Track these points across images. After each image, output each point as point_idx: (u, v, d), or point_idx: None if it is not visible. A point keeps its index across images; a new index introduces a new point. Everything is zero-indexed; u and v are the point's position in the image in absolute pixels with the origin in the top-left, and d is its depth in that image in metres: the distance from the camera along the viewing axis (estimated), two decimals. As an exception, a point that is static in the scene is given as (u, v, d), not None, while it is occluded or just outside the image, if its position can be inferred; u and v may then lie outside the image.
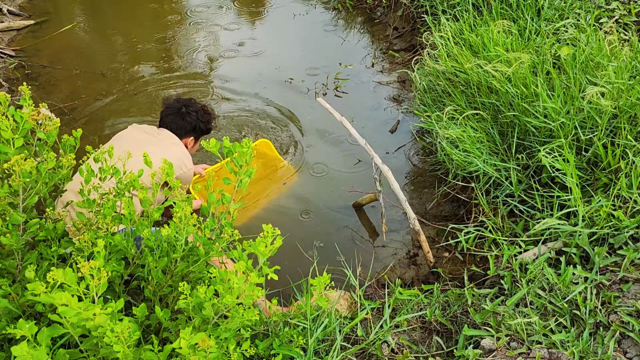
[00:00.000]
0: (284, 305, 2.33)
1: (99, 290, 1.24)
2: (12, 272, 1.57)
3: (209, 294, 1.36)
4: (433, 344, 1.99)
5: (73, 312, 1.19)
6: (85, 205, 1.65)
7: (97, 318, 1.22)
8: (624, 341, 1.79)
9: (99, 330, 1.24)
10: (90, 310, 1.21)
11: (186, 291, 1.37)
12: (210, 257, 1.59)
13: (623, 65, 2.64)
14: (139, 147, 2.49)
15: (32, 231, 1.56)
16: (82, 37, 5.04)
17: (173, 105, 2.82)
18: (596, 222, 2.22)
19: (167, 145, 2.69)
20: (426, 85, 3.45)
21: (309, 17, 5.51)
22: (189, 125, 2.80)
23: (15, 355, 1.16)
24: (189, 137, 2.83)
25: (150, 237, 1.57)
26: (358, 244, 3.00)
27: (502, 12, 3.61)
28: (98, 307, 1.22)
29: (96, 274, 1.22)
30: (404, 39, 4.92)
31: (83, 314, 1.21)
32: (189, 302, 1.38)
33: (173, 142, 2.74)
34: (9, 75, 4.34)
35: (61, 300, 1.17)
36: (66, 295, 1.17)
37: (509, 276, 2.15)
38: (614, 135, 2.52)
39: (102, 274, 1.23)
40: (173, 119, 2.79)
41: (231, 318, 1.39)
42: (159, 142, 2.68)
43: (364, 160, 3.57)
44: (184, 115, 2.79)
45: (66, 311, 1.18)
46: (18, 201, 1.51)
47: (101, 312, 1.22)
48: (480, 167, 2.68)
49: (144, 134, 2.73)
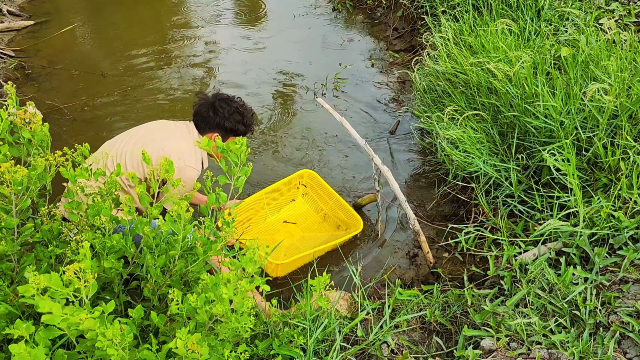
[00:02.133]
0: (285, 307, 2.33)
1: (89, 293, 1.22)
2: (9, 274, 1.56)
3: (199, 302, 1.35)
4: (433, 344, 1.98)
5: (58, 319, 1.17)
6: (74, 207, 1.64)
7: (85, 322, 1.20)
8: (623, 341, 1.79)
9: (90, 334, 1.23)
10: (77, 315, 1.19)
11: (177, 298, 1.35)
12: (208, 257, 1.59)
13: (621, 62, 2.64)
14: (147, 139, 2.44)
15: (26, 234, 1.55)
16: (82, 38, 5.04)
17: (207, 99, 2.64)
18: (596, 223, 2.22)
19: (175, 137, 2.52)
20: (426, 86, 3.45)
21: (309, 17, 5.51)
22: (212, 120, 2.58)
23: (14, 354, 1.15)
24: (213, 133, 2.60)
25: (149, 234, 1.56)
26: (358, 244, 3.00)
27: (502, 13, 3.62)
28: (85, 312, 1.20)
29: (82, 276, 1.20)
30: (404, 39, 4.93)
31: (70, 319, 1.19)
32: (181, 308, 1.37)
33: (182, 134, 2.56)
34: (9, 75, 4.34)
35: (45, 309, 1.15)
36: (48, 302, 1.15)
37: (508, 276, 2.15)
38: (614, 136, 2.52)
39: (89, 277, 1.20)
40: (199, 109, 2.60)
41: (225, 324, 1.39)
42: (168, 134, 2.53)
43: (351, 157, 3.57)
44: (211, 109, 2.57)
45: (51, 319, 1.16)
46: (10, 207, 1.50)
47: (89, 316, 1.21)
48: (480, 167, 2.68)
49: (162, 126, 2.60)
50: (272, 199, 3.13)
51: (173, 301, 1.36)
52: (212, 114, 2.55)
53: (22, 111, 1.61)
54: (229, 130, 2.60)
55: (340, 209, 3.03)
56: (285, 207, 3.20)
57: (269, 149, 3.71)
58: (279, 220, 3.15)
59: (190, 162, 2.48)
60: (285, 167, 3.54)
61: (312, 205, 3.20)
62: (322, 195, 3.15)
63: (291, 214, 3.18)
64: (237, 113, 2.59)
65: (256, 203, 3.07)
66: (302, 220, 3.16)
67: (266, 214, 3.13)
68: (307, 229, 3.12)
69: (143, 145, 2.38)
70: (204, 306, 1.35)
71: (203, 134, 2.60)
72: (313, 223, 3.14)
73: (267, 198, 3.10)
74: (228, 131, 2.60)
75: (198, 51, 4.89)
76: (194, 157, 2.51)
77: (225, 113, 2.56)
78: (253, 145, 3.70)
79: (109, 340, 1.21)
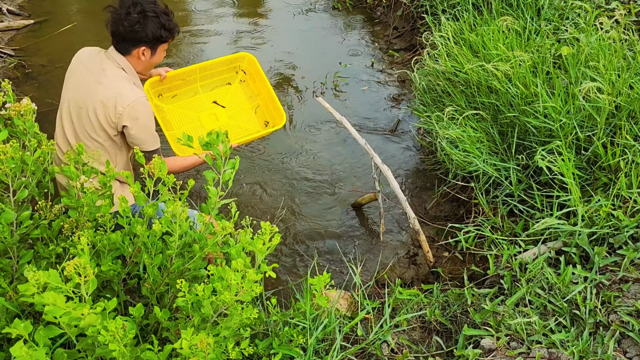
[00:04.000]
0: (285, 306, 2.33)
1: (89, 289, 1.23)
2: (8, 271, 1.56)
3: (207, 292, 1.35)
4: (433, 343, 1.99)
5: (61, 312, 1.18)
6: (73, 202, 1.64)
7: (87, 317, 1.21)
8: (623, 341, 1.79)
9: (91, 330, 1.23)
10: (79, 310, 1.20)
11: (184, 289, 1.36)
12: (205, 253, 1.58)
13: (618, 60, 2.64)
14: (82, 97, 2.19)
15: (25, 226, 1.55)
16: (82, 37, 5.03)
17: (117, 11, 2.21)
18: (596, 222, 2.22)
19: (105, 85, 2.18)
20: (426, 85, 3.45)
21: (309, 16, 5.50)
22: (129, 34, 2.18)
23: (15, 356, 1.15)
24: (140, 48, 2.25)
25: (144, 234, 1.56)
26: (357, 243, 3.00)
27: (502, 12, 3.61)
28: (87, 307, 1.21)
29: (82, 272, 1.20)
30: (404, 38, 4.92)
31: (72, 313, 1.19)
32: (187, 299, 1.38)
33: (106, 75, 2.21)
34: (9, 74, 4.33)
35: (48, 300, 1.15)
36: (53, 294, 1.16)
37: (508, 276, 2.15)
38: (613, 135, 2.52)
39: (89, 272, 1.21)
40: (114, 29, 2.21)
41: (230, 316, 1.39)
42: (96, 84, 2.19)
43: (346, 155, 3.57)
44: (122, 21, 2.17)
45: (54, 310, 1.17)
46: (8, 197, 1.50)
47: (90, 311, 1.21)
48: (480, 167, 2.68)
49: (89, 73, 2.25)
50: (207, 75, 2.96)
51: (180, 292, 1.36)
52: (124, 25, 2.18)
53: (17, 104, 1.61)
54: (158, 39, 2.26)
55: (271, 101, 2.89)
56: (219, 88, 3.04)
57: (268, 148, 3.71)
58: (209, 99, 3.00)
59: (136, 94, 2.20)
60: (285, 166, 3.54)
61: (247, 93, 3.05)
62: (258, 84, 3.01)
63: (223, 97, 3.03)
64: (151, 16, 2.21)
65: (188, 75, 2.87)
66: (232, 105, 3.01)
67: (197, 89, 2.96)
68: (234, 117, 2.98)
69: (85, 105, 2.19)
70: (211, 297, 1.35)
71: (127, 54, 2.28)
72: (242, 112, 3.00)
73: (200, 73, 2.93)
74: (157, 40, 2.26)
75: (198, 51, 4.88)
76: (135, 88, 2.24)
77: (140, 18, 2.19)
78: (250, 147, 3.70)
79: (111, 336, 1.22)
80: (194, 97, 2.97)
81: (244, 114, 3.01)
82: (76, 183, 1.63)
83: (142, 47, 2.25)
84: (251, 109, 3.02)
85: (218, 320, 1.44)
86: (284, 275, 2.75)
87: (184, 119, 2.92)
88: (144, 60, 2.31)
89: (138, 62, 2.31)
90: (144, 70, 2.38)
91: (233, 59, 3.01)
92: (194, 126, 2.90)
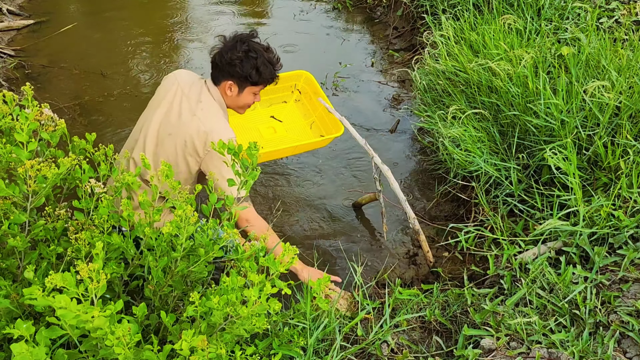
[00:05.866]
0: (285, 306, 2.33)
1: (98, 293, 1.24)
2: (13, 272, 1.57)
3: (221, 304, 1.35)
4: (433, 343, 1.99)
5: (72, 315, 1.19)
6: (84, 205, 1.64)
7: (95, 320, 1.21)
8: (623, 341, 1.79)
9: (98, 333, 1.24)
10: (89, 313, 1.21)
11: (196, 301, 1.36)
12: (210, 257, 1.59)
13: (625, 62, 2.64)
14: (168, 131, 2.20)
15: (36, 232, 1.56)
16: (83, 37, 5.03)
17: (226, 43, 2.26)
18: (596, 222, 2.22)
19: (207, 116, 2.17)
20: (426, 85, 3.45)
21: (309, 16, 5.50)
22: (225, 65, 2.20)
23: (15, 354, 1.16)
24: (227, 82, 2.24)
25: (152, 235, 1.56)
26: (357, 243, 3.00)
27: (502, 11, 3.61)
28: (97, 310, 1.22)
29: (95, 277, 1.21)
30: (404, 38, 4.92)
31: (82, 317, 1.20)
32: (198, 310, 1.38)
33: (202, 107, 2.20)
34: (9, 75, 4.34)
35: (60, 303, 1.16)
36: (65, 298, 1.16)
37: (508, 276, 2.15)
38: (614, 135, 2.52)
39: (102, 277, 1.22)
40: (216, 57, 2.25)
41: (239, 324, 1.39)
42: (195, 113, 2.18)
43: (346, 155, 3.58)
44: (227, 52, 2.20)
45: (65, 314, 1.18)
46: (26, 204, 1.51)
47: (100, 314, 1.22)
48: (481, 166, 2.68)
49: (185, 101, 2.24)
50: (263, 92, 2.96)
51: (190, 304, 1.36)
52: (223, 57, 2.21)
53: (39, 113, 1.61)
54: (247, 79, 2.22)
55: (327, 115, 2.97)
56: (275, 105, 3.15)
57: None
58: (267, 114, 3.11)
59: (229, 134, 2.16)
60: (284, 166, 3.54)
61: (302, 111, 3.16)
62: (314, 102, 3.08)
63: (279, 113, 3.13)
64: (249, 57, 2.19)
65: None
66: (288, 121, 3.11)
67: (255, 104, 3.02)
68: (291, 130, 3.08)
69: (176, 135, 2.18)
70: (224, 308, 1.35)
71: (218, 84, 2.28)
72: (298, 127, 3.11)
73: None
74: (247, 80, 2.22)
75: (198, 50, 4.88)
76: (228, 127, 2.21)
77: (233, 55, 2.18)
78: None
79: (117, 339, 1.22)
80: (253, 112, 3.08)
81: (300, 129, 3.10)
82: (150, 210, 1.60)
83: (230, 81, 2.24)
84: (307, 125, 3.11)
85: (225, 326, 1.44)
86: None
87: (243, 130, 3.03)
88: (230, 95, 2.30)
89: (226, 97, 2.32)
90: (232, 106, 2.36)
91: (289, 77, 3.08)
92: (254, 136, 3.00)
